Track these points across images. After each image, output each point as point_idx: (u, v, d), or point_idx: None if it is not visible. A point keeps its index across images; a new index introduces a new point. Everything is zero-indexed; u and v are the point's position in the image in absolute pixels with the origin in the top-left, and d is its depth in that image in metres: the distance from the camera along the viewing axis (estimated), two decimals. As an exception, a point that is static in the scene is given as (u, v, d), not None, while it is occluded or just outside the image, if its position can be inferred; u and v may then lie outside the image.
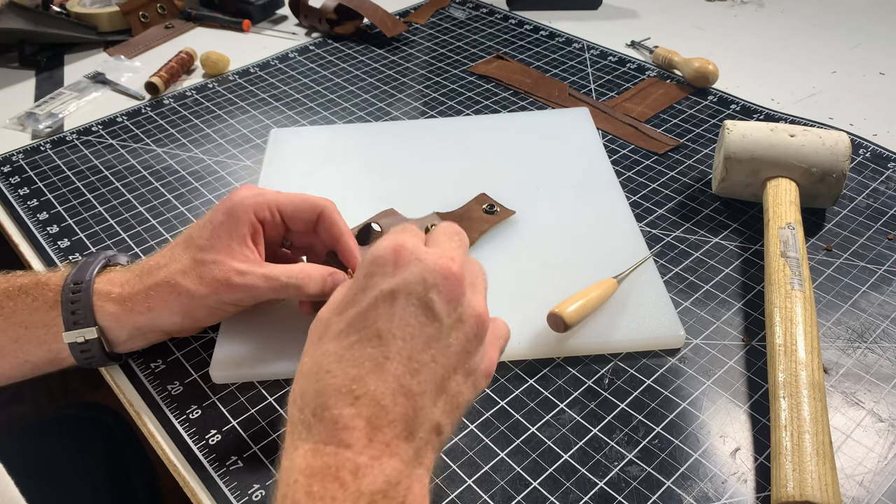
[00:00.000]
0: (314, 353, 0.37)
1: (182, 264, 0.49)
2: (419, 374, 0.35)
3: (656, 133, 0.79)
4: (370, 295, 0.37)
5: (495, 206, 0.65)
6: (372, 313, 0.36)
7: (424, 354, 0.35)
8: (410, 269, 0.37)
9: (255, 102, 0.87)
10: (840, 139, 0.64)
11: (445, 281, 0.37)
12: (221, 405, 0.51)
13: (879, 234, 0.65)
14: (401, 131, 0.79)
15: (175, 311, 0.49)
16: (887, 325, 0.56)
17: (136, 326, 0.50)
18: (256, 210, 0.50)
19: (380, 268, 0.37)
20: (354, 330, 0.36)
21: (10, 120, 0.84)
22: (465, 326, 0.37)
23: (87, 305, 0.48)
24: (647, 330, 0.54)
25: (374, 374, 0.35)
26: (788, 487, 0.42)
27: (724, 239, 0.65)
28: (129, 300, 0.49)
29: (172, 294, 0.48)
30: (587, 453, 0.48)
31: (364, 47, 1.00)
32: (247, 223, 0.50)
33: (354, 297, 0.37)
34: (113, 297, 0.49)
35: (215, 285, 0.48)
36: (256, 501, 0.45)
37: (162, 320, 0.49)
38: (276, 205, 0.51)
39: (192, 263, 0.48)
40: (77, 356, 0.50)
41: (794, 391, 0.47)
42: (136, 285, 0.49)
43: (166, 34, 1.03)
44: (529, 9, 1.08)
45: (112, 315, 0.49)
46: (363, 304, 0.36)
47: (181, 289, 0.48)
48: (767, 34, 1.00)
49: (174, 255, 0.50)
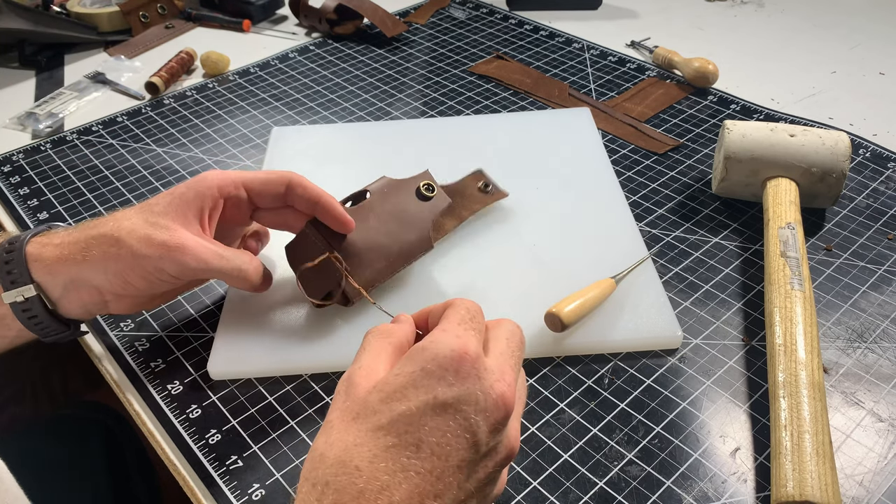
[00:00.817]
0: (346, 436, 0.34)
1: (131, 223, 0.48)
2: (442, 496, 0.34)
3: (656, 133, 0.79)
4: (422, 398, 0.34)
5: (490, 185, 0.65)
6: (418, 420, 0.34)
7: (452, 478, 0.34)
8: (468, 385, 0.35)
9: (255, 102, 0.87)
10: (840, 139, 0.64)
11: (496, 409, 0.35)
12: (221, 405, 0.51)
13: (879, 234, 0.65)
14: (401, 131, 0.79)
15: (110, 268, 0.47)
16: (887, 325, 0.56)
17: (70, 278, 0.47)
18: (221, 186, 0.50)
19: (439, 370, 0.35)
20: (396, 432, 0.34)
21: (10, 120, 0.85)
22: (497, 457, 0.36)
23: (20, 262, 0.47)
24: (644, 330, 0.54)
25: (401, 487, 0.33)
26: (788, 487, 0.42)
27: (723, 239, 0.65)
28: (66, 247, 0.47)
29: (113, 247, 0.47)
30: (587, 453, 0.48)
31: (364, 47, 1.00)
32: (209, 198, 0.50)
33: (405, 390, 0.35)
34: (49, 248, 0.47)
35: (161, 249, 0.47)
36: (256, 501, 0.45)
37: (94, 275, 0.47)
38: (241, 181, 0.51)
39: (142, 223, 0.47)
40: (21, 319, 0.48)
41: (794, 391, 0.47)
42: (76, 235, 0.48)
43: (166, 34, 1.03)
44: (529, 9, 1.08)
45: (46, 267, 0.47)
46: (412, 406, 0.34)
47: (124, 245, 0.47)
48: (767, 34, 1.00)
49: (125, 215, 0.49)
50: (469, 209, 0.63)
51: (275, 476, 0.47)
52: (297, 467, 0.47)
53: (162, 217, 0.48)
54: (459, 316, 0.38)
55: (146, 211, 0.49)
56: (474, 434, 0.34)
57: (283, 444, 0.49)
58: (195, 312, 0.59)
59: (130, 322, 0.58)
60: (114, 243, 0.47)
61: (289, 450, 0.48)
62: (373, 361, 0.38)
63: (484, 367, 0.36)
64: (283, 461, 0.48)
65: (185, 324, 0.58)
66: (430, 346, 0.36)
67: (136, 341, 0.57)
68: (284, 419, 0.50)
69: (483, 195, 0.64)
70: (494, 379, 0.36)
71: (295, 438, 0.49)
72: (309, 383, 0.53)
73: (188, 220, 0.49)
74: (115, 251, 0.47)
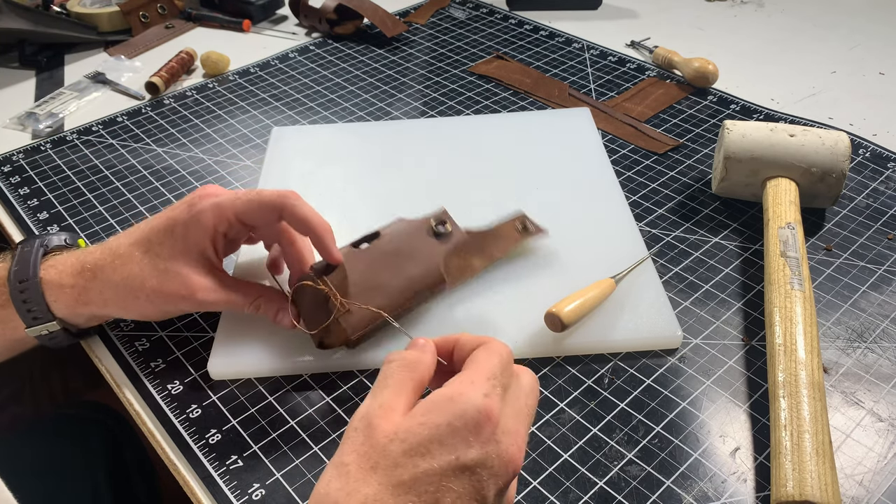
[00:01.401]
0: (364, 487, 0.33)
1: (142, 269, 0.50)
2: None
3: (656, 133, 0.79)
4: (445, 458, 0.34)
5: (529, 225, 0.61)
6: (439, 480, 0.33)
7: None
8: (487, 449, 0.34)
9: (255, 102, 0.87)
10: (840, 139, 0.64)
11: (506, 473, 0.35)
12: (221, 404, 0.51)
13: (879, 233, 0.65)
14: (401, 131, 0.79)
15: (129, 307, 0.51)
16: (887, 325, 0.56)
17: (92, 316, 0.52)
18: (217, 224, 0.50)
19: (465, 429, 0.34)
20: (416, 491, 0.33)
21: (10, 120, 0.85)
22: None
23: (40, 303, 0.50)
24: (644, 330, 0.54)
25: None
26: (788, 487, 0.42)
27: (723, 239, 0.65)
28: (84, 295, 0.50)
29: (130, 297, 0.50)
30: (587, 453, 0.48)
31: (364, 47, 1.00)
32: (208, 237, 0.50)
33: (430, 445, 0.34)
34: (66, 292, 0.50)
35: (176, 297, 0.50)
36: (256, 501, 0.45)
37: (115, 312, 0.52)
38: (234, 213, 0.51)
39: (153, 272, 0.50)
40: (45, 343, 0.53)
41: (794, 391, 0.47)
42: (90, 281, 0.50)
43: (166, 34, 1.03)
44: (529, 9, 1.08)
45: (67, 307, 0.50)
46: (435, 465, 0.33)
47: (140, 293, 0.50)
48: (767, 34, 1.00)
49: (132, 257, 0.50)
50: (502, 249, 0.59)
51: (275, 476, 0.47)
52: (297, 467, 0.47)
53: (171, 263, 0.50)
54: (491, 368, 0.37)
55: (152, 254, 0.50)
56: (484, 498, 0.34)
57: (283, 444, 0.49)
58: (195, 312, 0.59)
59: (130, 322, 0.58)
60: (130, 293, 0.50)
61: (289, 450, 0.48)
62: (393, 399, 0.36)
63: (503, 431, 0.35)
64: (283, 461, 0.48)
65: (185, 324, 0.58)
66: (459, 401, 0.35)
67: (136, 341, 0.57)
68: (284, 419, 0.50)
69: (518, 234, 0.60)
70: (510, 443, 0.35)
71: (295, 438, 0.49)
72: (309, 383, 0.53)
73: (195, 262, 0.51)
74: (132, 299, 0.50)
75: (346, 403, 0.51)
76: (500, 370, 0.37)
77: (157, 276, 0.50)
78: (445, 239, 0.56)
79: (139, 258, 0.50)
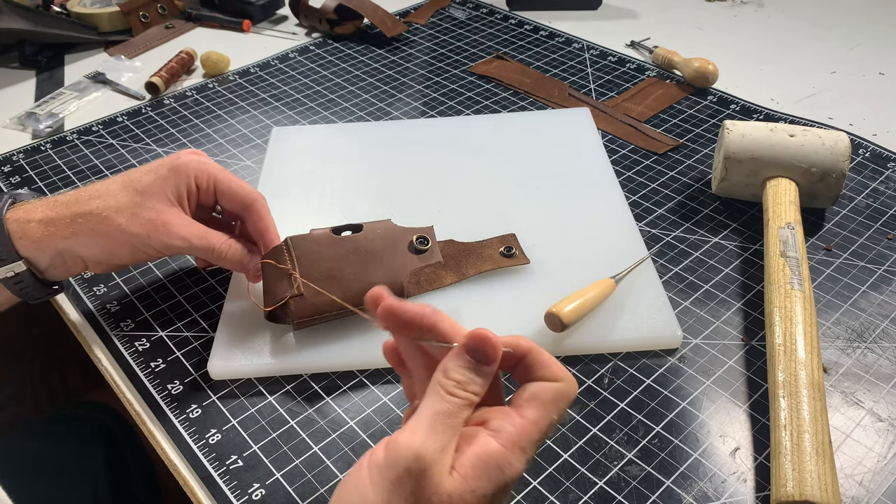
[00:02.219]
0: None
1: (118, 201, 0.51)
2: None
3: (656, 133, 0.79)
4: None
5: (514, 251, 0.60)
6: None
7: None
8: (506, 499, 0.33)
9: (255, 102, 0.87)
10: (840, 139, 0.64)
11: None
12: (221, 404, 0.51)
13: (879, 233, 0.65)
14: (401, 131, 0.79)
15: (98, 243, 0.51)
16: (887, 325, 0.56)
17: (58, 251, 0.51)
18: (197, 175, 0.54)
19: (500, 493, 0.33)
20: None
21: (10, 120, 0.85)
22: None
23: (4, 240, 0.49)
24: (644, 330, 0.54)
25: None
26: (788, 487, 0.42)
27: (723, 239, 0.65)
28: (53, 224, 0.50)
29: (102, 225, 0.50)
30: (587, 453, 0.48)
31: (364, 47, 1.00)
32: (186, 184, 0.53)
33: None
34: (32, 226, 0.50)
35: (149, 227, 0.51)
36: (256, 501, 0.45)
37: (83, 248, 0.51)
38: (212, 179, 0.54)
39: (129, 203, 0.51)
40: (10, 288, 0.51)
41: (794, 391, 0.47)
42: (62, 211, 0.50)
43: (166, 34, 1.03)
44: (529, 9, 1.08)
45: (33, 241, 0.50)
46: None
47: (112, 223, 0.50)
48: (767, 34, 1.00)
49: (108, 191, 0.51)
50: (475, 269, 0.59)
51: (275, 476, 0.47)
52: (297, 467, 0.47)
53: (147, 197, 0.51)
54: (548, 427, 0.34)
55: (130, 190, 0.51)
56: None
57: (283, 444, 0.49)
58: (195, 312, 0.59)
59: (131, 322, 0.58)
60: (102, 221, 0.50)
61: (289, 449, 0.48)
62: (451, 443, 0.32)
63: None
64: (283, 461, 0.48)
65: (185, 324, 0.58)
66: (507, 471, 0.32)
67: (136, 341, 0.57)
68: (284, 419, 0.50)
69: (500, 258, 0.60)
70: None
71: (295, 438, 0.49)
72: (309, 383, 0.53)
73: (171, 201, 0.52)
74: (104, 228, 0.50)
75: (346, 403, 0.51)
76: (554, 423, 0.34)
77: (132, 207, 0.51)
78: (421, 256, 0.56)
79: (116, 191, 0.51)
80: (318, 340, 0.54)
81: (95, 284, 0.62)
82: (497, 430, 0.33)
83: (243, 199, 0.55)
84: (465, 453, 0.32)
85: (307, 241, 0.55)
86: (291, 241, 0.55)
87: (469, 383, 0.34)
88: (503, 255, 0.60)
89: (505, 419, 0.33)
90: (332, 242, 0.55)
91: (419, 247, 0.56)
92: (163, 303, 0.60)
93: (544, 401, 0.34)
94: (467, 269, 0.59)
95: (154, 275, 0.62)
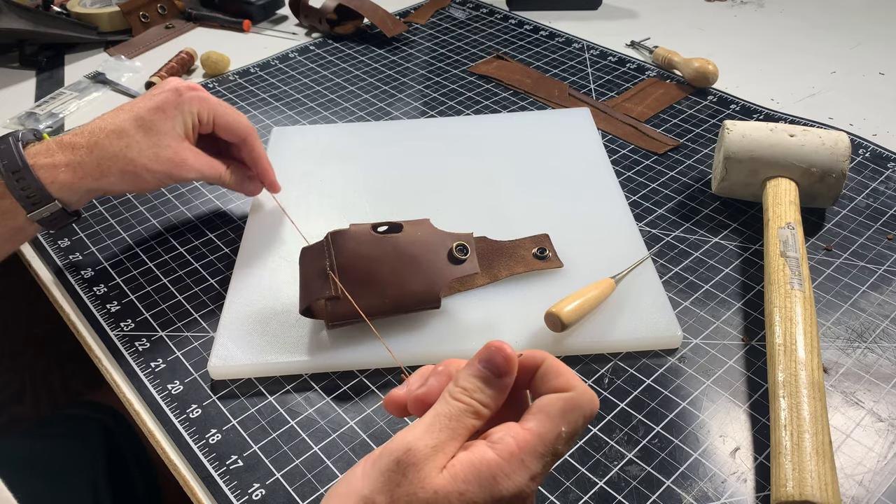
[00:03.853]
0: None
1: (138, 141, 0.57)
2: None
3: (656, 133, 0.79)
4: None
5: (546, 252, 0.59)
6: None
7: None
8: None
9: (255, 102, 0.87)
10: (840, 139, 0.64)
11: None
12: (221, 404, 0.51)
13: (879, 233, 0.65)
14: (401, 131, 0.79)
15: (126, 180, 0.57)
16: (887, 325, 0.56)
17: (87, 190, 0.57)
18: (200, 111, 0.60)
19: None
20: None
21: (10, 120, 0.85)
22: None
23: (38, 188, 0.54)
24: (644, 330, 0.54)
25: None
26: (788, 487, 0.42)
27: (723, 239, 0.65)
28: (80, 168, 0.55)
29: (129, 166, 0.56)
30: (587, 453, 0.48)
31: (364, 47, 1.00)
32: (191, 120, 0.59)
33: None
34: (61, 171, 0.55)
35: (169, 164, 0.58)
36: (256, 501, 0.45)
37: (111, 186, 0.57)
38: (212, 113, 0.60)
39: (149, 144, 0.57)
40: (46, 225, 0.56)
41: (794, 391, 0.47)
42: (87, 156, 0.55)
43: (166, 34, 1.03)
44: (529, 9, 1.08)
45: (64, 185, 0.55)
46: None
47: (137, 164, 0.57)
48: (767, 34, 1.00)
49: (126, 131, 0.56)
50: (508, 270, 0.58)
51: (275, 476, 0.47)
52: (297, 467, 0.47)
53: (162, 136, 0.58)
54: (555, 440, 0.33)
55: (145, 129, 0.57)
56: None
57: (283, 444, 0.49)
58: (195, 312, 0.59)
59: (131, 322, 0.58)
60: (128, 163, 0.56)
61: (289, 449, 0.48)
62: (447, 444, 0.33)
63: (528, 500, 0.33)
64: (283, 461, 0.48)
65: (185, 324, 0.58)
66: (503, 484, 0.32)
67: (136, 341, 0.57)
68: (284, 419, 0.50)
69: (534, 261, 0.59)
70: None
71: (295, 438, 0.49)
72: (309, 383, 0.53)
73: (181, 136, 0.59)
74: (130, 169, 0.56)
75: (346, 403, 0.51)
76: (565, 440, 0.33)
77: (152, 147, 0.57)
78: (460, 267, 0.54)
79: (133, 132, 0.57)
80: (318, 341, 0.54)
81: (95, 284, 0.62)
82: (497, 441, 0.32)
83: (240, 133, 0.62)
84: (460, 457, 0.32)
85: (347, 237, 0.53)
86: (332, 236, 0.53)
87: (476, 391, 0.34)
88: (536, 257, 0.59)
89: (507, 431, 0.33)
90: (371, 241, 0.53)
91: (458, 256, 0.54)
92: (163, 303, 0.60)
93: (550, 413, 0.33)
94: (500, 271, 0.58)
95: (154, 275, 0.62)
